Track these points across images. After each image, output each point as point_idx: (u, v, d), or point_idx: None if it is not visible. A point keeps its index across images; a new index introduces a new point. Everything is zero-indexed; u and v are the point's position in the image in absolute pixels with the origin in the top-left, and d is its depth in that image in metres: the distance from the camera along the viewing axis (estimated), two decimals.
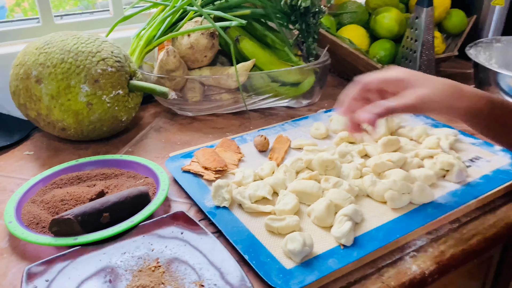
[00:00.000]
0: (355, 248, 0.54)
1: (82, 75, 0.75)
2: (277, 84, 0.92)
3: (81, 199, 0.64)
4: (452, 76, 1.26)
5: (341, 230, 0.54)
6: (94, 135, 0.82)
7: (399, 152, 0.72)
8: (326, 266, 0.51)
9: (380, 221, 0.59)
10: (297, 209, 0.60)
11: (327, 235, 0.57)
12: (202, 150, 0.75)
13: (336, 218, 0.57)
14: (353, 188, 0.62)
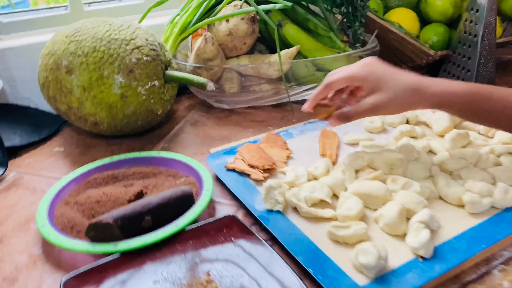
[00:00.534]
0: (435, 260, 0.47)
1: (116, 65, 0.69)
2: (322, 73, 0.84)
3: (119, 200, 0.58)
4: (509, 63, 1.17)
5: (419, 240, 0.47)
6: (128, 130, 0.76)
7: (469, 147, 0.63)
8: (405, 283, 0.44)
9: (460, 228, 0.51)
10: (362, 214, 0.53)
11: (400, 244, 0.49)
12: (246, 146, 0.68)
13: (410, 225, 0.50)
14: (425, 190, 0.55)
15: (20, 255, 0.53)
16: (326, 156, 0.66)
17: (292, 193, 0.55)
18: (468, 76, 0.87)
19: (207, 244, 0.52)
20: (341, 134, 0.73)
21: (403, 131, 0.68)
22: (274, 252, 0.49)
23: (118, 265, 0.49)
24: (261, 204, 0.57)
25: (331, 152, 0.67)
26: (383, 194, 0.54)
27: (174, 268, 0.49)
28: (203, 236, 0.53)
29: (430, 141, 0.67)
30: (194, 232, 0.53)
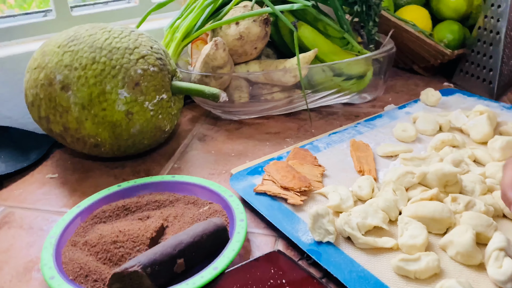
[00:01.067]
0: None
1: (120, 78, 0.60)
2: (340, 78, 0.78)
3: (139, 238, 0.49)
4: None
5: (505, 271, 0.41)
6: (132, 151, 0.67)
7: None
8: None
9: None
10: (428, 242, 0.46)
11: (479, 277, 0.43)
12: (274, 164, 0.61)
13: (488, 253, 0.43)
14: (489, 209, 0.49)
15: None
16: (365, 172, 0.59)
17: (344, 220, 0.48)
18: (491, 75, 0.83)
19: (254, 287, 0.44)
20: (373, 145, 0.66)
21: (443, 140, 0.62)
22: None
23: None
24: (306, 233, 0.50)
25: (370, 167, 0.60)
26: (447, 216, 0.47)
27: None
28: (247, 279, 0.45)
29: (474, 150, 0.61)
30: (236, 275, 0.45)
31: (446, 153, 0.60)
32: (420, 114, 0.70)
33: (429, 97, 0.78)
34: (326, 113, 0.83)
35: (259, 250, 0.51)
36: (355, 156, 0.63)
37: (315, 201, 0.56)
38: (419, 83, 0.94)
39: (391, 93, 0.90)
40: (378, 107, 0.85)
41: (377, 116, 0.76)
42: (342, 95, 0.81)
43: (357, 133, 0.71)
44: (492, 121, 0.66)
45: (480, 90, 0.85)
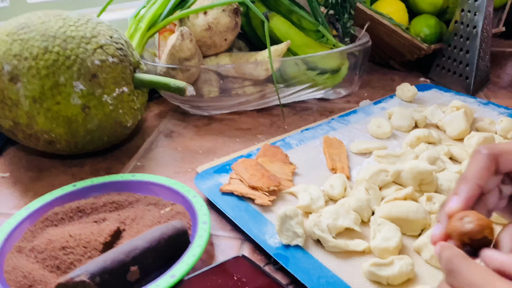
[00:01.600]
0: None
1: (75, 69, 0.56)
2: (314, 72, 0.75)
3: (91, 244, 0.45)
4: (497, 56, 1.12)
5: None
6: (91, 148, 0.63)
7: None
8: None
9: None
10: (401, 245, 0.43)
11: None
12: (242, 162, 0.57)
13: None
14: None
15: None
16: (337, 170, 0.56)
17: (313, 222, 0.45)
18: (467, 70, 0.81)
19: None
20: (347, 142, 0.63)
21: (419, 136, 0.59)
22: None
23: None
24: (274, 236, 0.46)
25: (342, 165, 0.57)
26: (422, 217, 0.45)
27: None
28: (208, 287, 0.41)
29: (451, 146, 0.59)
30: (196, 283, 0.41)
31: (421, 150, 0.57)
32: (395, 110, 0.68)
33: (405, 92, 0.76)
34: (300, 109, 0.80)
35: (223, 254, 0.48)
36: (328, 153, 0.60)
37: (284, 201, 0.52)
38: (396, 79, 0.92)
39: (367, 88, 0.88)
40: (353, 102, 0.82)
41: (351, 111, 0.73)
42: (316, 90, 0.78)
43: (330, 129, 0.68)
44: (468, 117, 0.64)
45: (457, 85, 0.83)
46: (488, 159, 0.30)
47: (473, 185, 0.29)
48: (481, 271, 0.24)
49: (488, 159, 0.30)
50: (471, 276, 0.24)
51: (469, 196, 0.29)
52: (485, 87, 0.86)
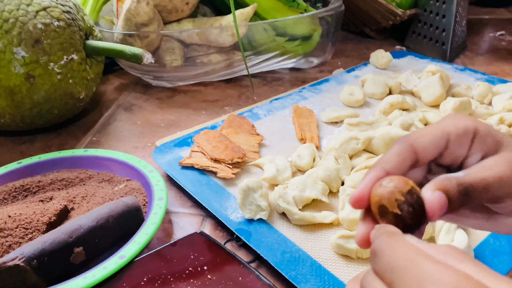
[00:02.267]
0: None
1: (14, 33, 0.50)
2: (283, 39, 0.70)
3: (33, 224, 0.41)
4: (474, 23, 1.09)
5: (458, 245, 0.36)
6: (41, 122, 0.57)
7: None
8: None
9: None
10: None
11: None
12: (205, 134, 0.53)
13: (439, 225, 0.38)
14: None
15: None
16: (307, 140, 0.52)
17: (278, 194, 0.41)
18: (444, 36, 0.78)
19: (169, 279, 0.36)
20: (318, 112, 0.60)
21: (392, 103, 0.56)
22: (263, 282, 0.35)
23: None
24: (237, 211, 0.43)
25: (312, 135, 0.53)
26: None
27: None
28: (161, 267, 0.37)
29: (426, 113, 0.56)
30: (148, 263, 0.37)
31: (395, 116, 0.54)
32: (368, 77, 0.64)
33: (379, 59, 0.72)
34: (271, 79, 0.76)
35: (183, 232, 0.44)
36: (297, 123, 0.56)
37: (250, 174, 0.49)
38: (370, 47, 0.88)
39: (340, 57, 0.84)
40: (327, 71, 0.78)
41: (323, 80, 0.69)
42: (287, 58, 0.74)
43: (301, 98, 0.64)
44: (444, 83, 0.61)
45: (433, 52, 0.80)
46: (401, 145, 0.27)
47: (379, 170, 0.26)
48: (406, 250, 0.20)
49: (401, 145, 0.27)
50: (393, 258, 0.20)
51: (373, 178, 0.25)
52: (462, 54, 0.84)
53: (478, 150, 0.27)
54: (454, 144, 0.27)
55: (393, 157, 0.26)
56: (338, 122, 0.57)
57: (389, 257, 0.20)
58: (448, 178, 0.25)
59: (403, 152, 0.27)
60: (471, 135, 0.27)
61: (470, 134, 0.27)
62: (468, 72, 0.71)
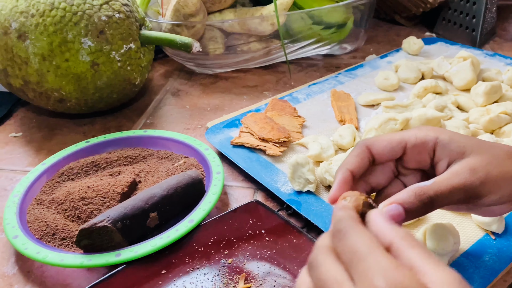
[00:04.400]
0: (510, 236, 0.40)
1: (82, 25, 0.55)
2: (319, 26, 0.74)
3: (110, 194, 0.47)
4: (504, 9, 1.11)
5: None
6: (101, 106, 0.63)
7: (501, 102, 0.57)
8: (486, 268, 0.37)
9: None
10: None
11: (462, 220, 0.42)
12: (252, 116, 0.58)
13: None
14: None
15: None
16: (346, 121, 0.57)
17: (324, 169, 0.46)
18: (474, 23, 0.80)
19: (232, 240, 0.42)
20: (354, 95, 0.64)
21: (426, 87, 0.60)
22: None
23: (126, 280, 0.38)
24: (286, 184, 0.48)
25: (351, 117, 0.58)
26: None
27: (199, 276, 0.39)
28: (225, 230, 0.43)
29: (457, 96, 0.59)
30: (213, 227, 0.43)
31: (429, 100, 0.58)
32: (402, 62, 0.68)
33: (411, 46, 0.76)
34: (306, 65, 0.80)
35: (237, 202, 0.49)
36: (336, 106, 0.60)
37: (294, 152, 0.53)
38: (401, 34, 0.91)
39: (372, 43, 0.87)
40: (359, 58, 0.82)
41: (358, 66, 0.73)
42: (322, 45, 0.78)
43: (338, 83, 0.68)
44: (475, 67, 0.64)
45: (463, 38, 0.82)
46: (359, 148, 0.33)
47: (344, 170, 0.32)
48: (367, 239, 0.23)
49: (359, 148, 0.33)
50: (355, 242, 0.23)
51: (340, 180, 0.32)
52: (491, 40, 0.86)
53: (444, 156, 0.32)
54: (412, 151, 0.33)
55: (353, 159, 0.33)
56: (374, 105, 0.61)
57: (353, 240, 0.23)
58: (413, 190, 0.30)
59: (360, 153, 0.33)
60: (431, 144, 0.32)
61: (430, 142, 0.32)
62: (498, 58, 0.73)
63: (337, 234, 0.24)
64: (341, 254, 0.24)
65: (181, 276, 0.39)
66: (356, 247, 0.23)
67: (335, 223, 0.25)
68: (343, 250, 0.23)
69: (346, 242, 0.23)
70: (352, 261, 0.23)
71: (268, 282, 0.38)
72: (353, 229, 0.24)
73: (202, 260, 0.40)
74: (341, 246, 0.24)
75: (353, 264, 0.22)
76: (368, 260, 0.22)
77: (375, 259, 0.22)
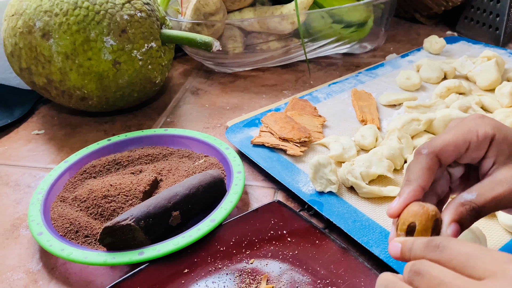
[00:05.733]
0: None
1: (105, 24, 0.56)
2: (340, 25, 0.74)
3: (132, 192, 0.47)
4: None
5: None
6: (122, 104, 0.64)
7: None
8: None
9: None
10: None
11: (488, 223, 0.41)
12: (272, 116, 0.58)
13: None
14: None
15: (14, 272, 0.42)
16: (367, 121, 0.56)
17: (346, 170, 0.46)
18: (497, 21, 0.79)
19: (254, 240, 0.42)
20: (375, 95, 0.63)
21: (449, 87, 0.59)
22: (339, 244, 0.39)
23: (148, 278, 0.38)
24: (307, 184, 0.47)
25: (373, 117, 0.57)
26: None
27: (221, 276, 0.39)
28: (246, 230, 0.43)
29: (482, 96, 0.58)
30: (235, 226, 0.43)
31: (452, 100, 0.57)
32: (424, 62, 0.67)
33: (433, 45, 0.75)
34: (325, 64, 0.79)
35: (258, 202, 0.49)
36: (357, 106, 0.60)
37: (315, 152, 0.53)
38: (421, 33, 0.90)
39: (392, 43, 0.86)
40: (379, 56, 0.81)
41: (378, 65, 0.72)
42: (342, 44, 0.77)
43: (358, 82, 0.67)
44: (500, 67, 0.63)
45: (485, 37, 0.81)
46: (429, 158, 0.31)
47: (416, 187, 0.30)
48: (469, 244, 0.25)
49: (429, 158, 0.31)
50: (461, 247, 0.24)
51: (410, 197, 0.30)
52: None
53: (493, 155, 0.31)
54: (473, 150, 0.32)
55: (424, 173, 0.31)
56: (396, 105, 0.61)
57: (458, 247, 0.24)
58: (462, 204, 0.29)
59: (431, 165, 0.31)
60: (489, 141, 0.31)
61: (488, 140, 0.31)
62: None
63: (434, 249, 0.25)
64: (448, 262, 0.24)
65: (203, 275, 0.39)
66: (465, 250, 0.24)
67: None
68: (450, 257, 0.24)
69: (451, 251, 0.24)
70: (468, 262, 0.23)
71: (290, 283, 0.37)
72: (451, 240, 0.25)
73: (224, 260, 0.40)
74: (446, 256, 0.24)
75: (470, 263, 0.23)
76: (484, 255, 0.23)
77: (489, 252, 0.23)
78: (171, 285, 0.38)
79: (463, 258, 0.24)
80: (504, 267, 0.22)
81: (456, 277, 0.23)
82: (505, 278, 0.21)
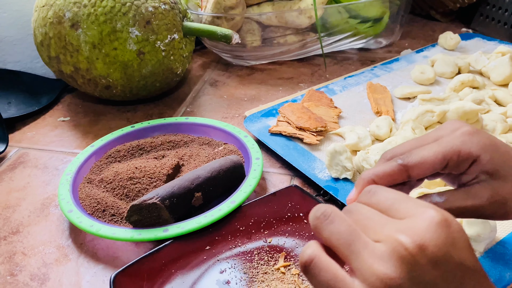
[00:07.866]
0: None
1: (130, 15, 0.58)
2: (356, 20, 0.75)
3: (156, 175, 0.49)
4: None
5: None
6: (144, 93, 0.66)
7: None
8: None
9: None
10: None
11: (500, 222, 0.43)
12: (289, 106, 0.59)
13: None
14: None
15: (45, 247, 0.44)
16: (382, 113, 0.58)
17: (361, 157, 0.47)
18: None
19: (272, 221, 0.44)
20: (390, 88, 0.65)
21: (463, 81, 0.60)
22: None
23: (172, 254, 0.40)
24: (323, 171, 0.49)
25: (387, 109, 0.59)
26: None
27: (241, 253, 0.41)
28: (265, 212, 0.45)
29: (495, 91, 0.59)
30: (254, 208, 0.45)
31: (465, 94, 0.58)
32: (438, 57, 0.68)
33: (448, 41, 0.76)
34: (341, 58, 0.81)
35: (275, 187, 0.51)
36: (372, 98, 0.61)
37: (331, 141, 0.55)
38: (436, 29, 0.91)
39: (407, 39, 0.88)
40: (394, 52, 0.82)
41: (394, 59, 0.74)
42: (358, 39, 0.79)
43: (373, 76, 0.69)
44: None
45: (501, 34, 0.82)
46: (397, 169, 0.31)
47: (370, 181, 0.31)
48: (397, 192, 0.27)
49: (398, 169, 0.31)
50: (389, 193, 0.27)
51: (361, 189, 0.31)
52: None
53: (473, 172, 0.31)
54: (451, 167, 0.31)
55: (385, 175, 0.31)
56: (410, 98, 0.62)
57: (386, 193, 0.27)
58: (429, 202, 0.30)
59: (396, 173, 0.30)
60: (470, 162, 0.30)
61: (470, 161, 0.30)
62: None
63: (366, 193, 0.28)
64: (376, 205, 0.27)
65: (224, 252, 0.41)
66: (392, 196, 0.26)
67: (370, 188, 0.28)
68: (378, 201, 0.27)
69: (379, 196, 0.27)
70: (392, 205, 0.26)
71: None
72: (382, 188, 0.28)
73: (243, 239, 0.42)
74: (374, 199, 0.27)
75: (394, 206, 0.26)
76: (408, 201, 0.25)
77: (412, 200, 0.25)
78: (193, 260, 0.40)
79: (389, 202, 0.26)
80: (422, 209, 0.24)
81: (380, 215, 0.26)
82: (422, 218, 0.24)
